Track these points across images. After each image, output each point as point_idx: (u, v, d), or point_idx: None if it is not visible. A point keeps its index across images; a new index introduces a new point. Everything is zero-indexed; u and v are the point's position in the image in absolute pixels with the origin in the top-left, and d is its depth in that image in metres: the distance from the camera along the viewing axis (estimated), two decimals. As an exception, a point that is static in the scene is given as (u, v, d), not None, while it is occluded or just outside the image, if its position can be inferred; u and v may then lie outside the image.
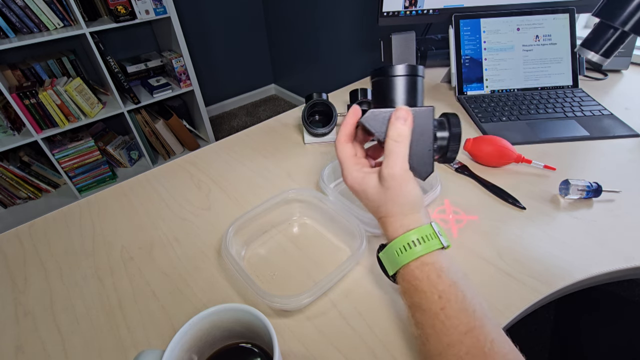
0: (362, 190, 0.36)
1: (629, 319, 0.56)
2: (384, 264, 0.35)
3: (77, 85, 1.56)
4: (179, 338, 0.29)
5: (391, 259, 0.34)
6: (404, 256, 0.32)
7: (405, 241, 0.32)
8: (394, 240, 0.33)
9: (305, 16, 2.06)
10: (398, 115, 0.33)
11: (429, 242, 0.32)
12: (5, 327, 0.42)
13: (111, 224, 0.55)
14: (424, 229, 0.33)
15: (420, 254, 0.32)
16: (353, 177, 0.36)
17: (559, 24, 0.79)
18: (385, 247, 0.34)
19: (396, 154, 0.33)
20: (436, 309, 0.29)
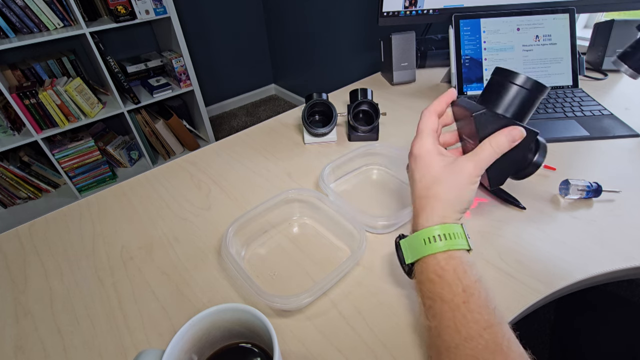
0: (429, 161, 0.36)
1: (629, 319, 0.56)
2: (404, 251, 0.35)
3: (77, 85, 1.56)
4: (179, 338, 0.29)
5: (416, 246, 0.34)
6: (432, 246, 0.32)
7: (438, 232, 0.33)
8: (427, 228, 0.33)
9: (305, 16, 2.06)
10: (513, 133, 0.35)
11: (458, 239, 0.33)
12: (5, 327, 0.42)
13: (111, 224, 0.55)
14: (457, 227, 0.33)
15: (450, 247, 0.32)
16: (427, 147, 0.37)
17: (559, 24, 0.79)
18: (415, 233, 0.34)
19: (484, 158, 0.35)
20: (459, 302, 0.29)
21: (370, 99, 0.69)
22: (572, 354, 0.57)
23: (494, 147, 0.35)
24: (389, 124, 0.75)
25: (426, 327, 0.32)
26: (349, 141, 0.71)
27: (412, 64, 0.91)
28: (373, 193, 0.59)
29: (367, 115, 0.70)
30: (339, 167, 0.60)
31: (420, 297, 0.33)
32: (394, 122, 0.76)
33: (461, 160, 0.35)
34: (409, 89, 0.90)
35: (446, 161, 0.36)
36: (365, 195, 0.58)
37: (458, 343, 0.28)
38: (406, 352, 0.37)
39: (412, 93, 0.88)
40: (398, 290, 0.43)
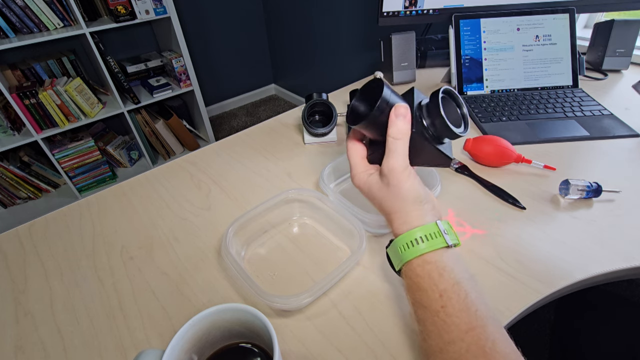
0: (368, 189, 0.37)
1: (629, 319, 0.56)
2: (391, 259, 0.36)
3: (77, 85, 1.56)
4: (179, 338, 0.29)
5: (396, 255, 0.34)
6: (407, 253, 0.32)
7: (409, 238, 0.32)
8: (398, 237, 0.34)
9: (305, 16, 2.06)
10: (397, 112, 0.33)
11: (432, 240, 0.32)
12: (5, 327, 0.42)
13: (111, 224, 0.55)
14: (429, 227, 0.33)
15: (423, 251, 0.32)
16: (359, 177, 0.38)
17: (559, 24, 0.79)
18: (391, 243, 0.35)
19: (396, 151, 0.33)
20: (436, 307, 0.29)
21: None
22: (572, 354, 0.57)
23: (396, 135, 0.33)
24: (389, 124, 0.75)
25: (416, 331, 0.33)
26: (349, 141, 0.71)
27: (412, 64, 0.91)
28: (373, 193, 0.59)
29: (367, 115, 0.70)
30: (339, 167, 0.60)
31: (409, 303, 0.33)
32: (394, 122, 0.76)
33: (385, 169, 0.34)
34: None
35: (377, 179, 0.36)
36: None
37: (442, 347, 0.28)
38: (406, 352, 0.37)
39: (412, 93, 0.88)
40: (398, 290, 0.43)
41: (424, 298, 0.31)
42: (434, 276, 0.31)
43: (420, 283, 0.31)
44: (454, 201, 0.55)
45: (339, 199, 0.51)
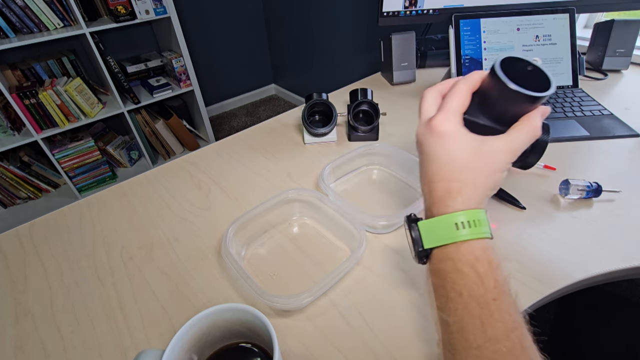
0: (459, 141, 0.31)
1: (628, 319, 0.56)
2: (423, 234, 0.31)
3: (77, 85, 1.55)
4: (179, 338, 0.29)
5: (441, 231, 0.29)
6: (468, 231, 0.28)
7: (474, 217, 0.29)
8: (456, 212, 0.29)
9: (305, 16, 2.06)
10: (544, 113, 0.31)
11: (483, 227, 0.29)
12: (5, 327, 0.42)
13: (111, 224, 0.55)
14: (482, 213, 0.30)
15: (484, 235, 0.28)
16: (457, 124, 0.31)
17: (559, 24, 0.79)
18: (441, 217, 0.30)
19: (521, 142, 0.31)
20: (488, 298, 0.26)
21: (370, 99, 0.69)
22: (572, 354, 0.57)
23: (532, 131, 0.30)
24: (389, 124, 0.75)
25: (442, 322, 0.28)
26: (349, 141, 0.71)
27: (412, 64, 0.91)
28: (373, 193, 0.59)
29: (367, 115, 0.70)
30: (339, 167, 0.60)
31: (437, 287, 0.29)
32: (394, 122, 0.76)
33: (494, 144, 0.31)
34: (409, 89, 0.90)
35: (476, 142, 0.31)
36: (365, 195, 0.58)
37: (480, 344, 0.25)
38: (406, 352, 0.37)
39: (412, 93, 0.88)
40: (398, 290, 0.43)
41: (474, 286, 0.27)
42: (493, 264, 0.28)
43: (478, 268, 0.27)
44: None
45: (339, 199, 0.51)
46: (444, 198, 0.30)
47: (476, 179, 0.30)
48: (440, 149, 0.31)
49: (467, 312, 0.26)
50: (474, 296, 0.27)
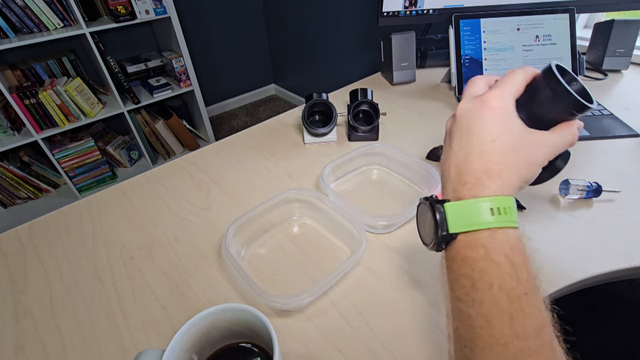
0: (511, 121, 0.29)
1: (628, 319, 0.56)
2: (449, 217, 0.28)
3: (77, 85, 1.55)
4: (178, 338, 0.29)
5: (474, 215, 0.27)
6: (503, 218, 0.26)
7: (508, 204, 0.27)
8: (497, 196, 0.27)
9: (305, 16, 2.06)
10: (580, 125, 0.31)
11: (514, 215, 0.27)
12: (5, 327, 0.42)
13: (111, 224, 0.55)
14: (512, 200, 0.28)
15: (516, 225, 0.27)
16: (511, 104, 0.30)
17: (559, 24, 0.79)
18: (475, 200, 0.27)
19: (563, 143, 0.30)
20: (520, 292, 0.24)
21: (370, 99, 0.69)
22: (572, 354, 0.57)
23: (572, 136, 0.29)
24: (389, 124, 0.75)
25: (462, 314, 0.26)
26: (349, 141, 0.71)
27: (412, 64, 0.91)
28: (373, 193, 0.59)
29: (367, 115, 0.70)
30: (339, 167, 0.60)
31: (459, 277, 0.27)
32: (394, 122, 0.76)
33: (540, 135, 0.29)
34: (409, 89, 0.90)
35: (524, 129, 0.29)
36: (365, 195, 0.58)
37: (507, 341, 0.23)
38: (406, 352, 0.37)
39: (412, 93, 0.88)
40: (398, 290, 0.43)
41: (506, 277, 0.25)
42: (526, 255, 0.26)
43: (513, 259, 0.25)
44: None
45: (339, 199, 0.51)
46: (481, 179, 0.28)
47: (518, 165, 0.28)
48: (488, 125, 0.29)
49: (495, 306, 0.24)
50: (505, 289, 0.24)
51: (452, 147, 0.31)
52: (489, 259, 0.25)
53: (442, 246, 0.29)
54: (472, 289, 0.26)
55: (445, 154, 0.32)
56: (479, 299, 0.25)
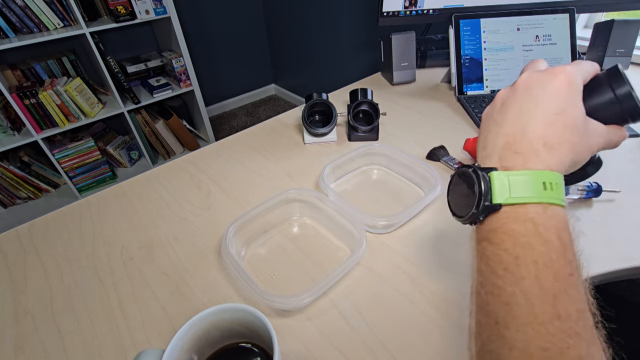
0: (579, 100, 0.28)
1: (628, 319, 0.56)
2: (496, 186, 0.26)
3: (77, 85, 1.56)
4: (179, 338, 0.29)
5: (530, 186, 0.25)
6: (555, 194, 0.25)
7: (558, 180, 0.26)
8: (552, 172, 0.26)
9: (305, 16, 2.06)
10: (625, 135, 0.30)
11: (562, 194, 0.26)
12: (5, 327, 0.42)
13: (111, 224, 0.55)
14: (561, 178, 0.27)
15: (564, 203, 0.26)
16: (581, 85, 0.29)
17: (559, 24, 0.79)
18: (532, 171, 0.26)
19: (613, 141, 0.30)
20: (565, 272, 0.23)
21: (370, 99, 0.69)
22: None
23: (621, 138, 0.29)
24: (389, 124, 0.75)
25: (496, 289, 0.25)
26: (349, 141, 0.71)
27: (412, 64, 0.91)
28: (373, 193, 0.59)
29: (367, 115, 0.70)
30: (339, 167, 0.60)
31: (497, 251, 0.25)
32: (394, 122, 0.76)
33: (598, 125, 0.29)
34: (409, 89, 0.90)
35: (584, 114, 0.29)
36: (365, 195, 0.58)
37: (546, 320, 0.22)
38: (406, 352, 0.37)
39: (412, 93, 0.88)
40: (398, 290, 0.43)
41: (553, 255, 0.23)
42: (572, 236, 0.25)
43: (563, 237, 0.24)
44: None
45: (339, 199, 0.51)
46: (537, 151, 0.26)
47: (575, 145, 0.27)
48: (556, 97, 0.28)
49: (537, 283, 0.23)
50: (552, 267, 0.23)
51: (507, 115, 0.29)
52: (538, 234, 0.24)
53: (480, 218, 0.27)
54: (514, 265, 0.24)
55: (494, 122, 0.30)
56: (520, 275, 0.24)
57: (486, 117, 0.31)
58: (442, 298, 0.42)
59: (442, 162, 0.63)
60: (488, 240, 0.26)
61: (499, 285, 0.25)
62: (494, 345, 0.24)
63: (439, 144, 0.66)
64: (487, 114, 0.32)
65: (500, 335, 0.24)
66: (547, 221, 0.24)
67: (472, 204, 0.27)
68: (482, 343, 0.25)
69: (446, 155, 0.64)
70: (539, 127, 0.27)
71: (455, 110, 0.79)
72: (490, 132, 0.30)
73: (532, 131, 0.27)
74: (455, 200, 0.31)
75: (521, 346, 0.22)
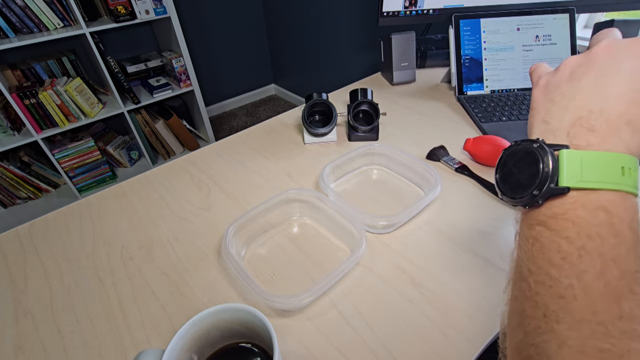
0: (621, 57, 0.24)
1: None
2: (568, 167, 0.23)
3: (77, 85, 1.56)
4: (179, 338, 0.29)
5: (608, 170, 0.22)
6: (631, 181, 0.22)
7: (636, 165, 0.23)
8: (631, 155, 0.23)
9: (305, 16, 2.06)
10: None
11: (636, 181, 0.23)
12: (5, 327, 0.42)
13: (111, 224, 0.55)
14: None
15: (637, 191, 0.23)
16: None
17: (559, 24, 0.79)
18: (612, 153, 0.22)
19: None
20: (632, 269, 0.21)
21: (370, 99, 0.69)
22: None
23: None
24: (389, 124, 0.75)
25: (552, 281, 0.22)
26: (349, 141, 0.71)
27: (412, 64, 0.91)
28: (373, 193, 0.59)
29: (367, 115, 0.70)
30: (339, 167, 0.60)
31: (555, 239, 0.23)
32: (394, 122, 0.76)
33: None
34: (409, 89, 0.90)
35: None
36: (365, 195, 0.58)
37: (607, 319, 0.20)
38: (406, 352, 0.37)
39: (412, 93, 0.88)
40: (398, 290, 0.43)
41: (623, 251, 0.21)
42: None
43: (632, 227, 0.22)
44: (454, 201, 0.55)
45: (339, 199, 0.51)
46: (619, 130, 0.23)
47: None
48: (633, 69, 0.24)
49: (602, 279, 0.21)
50: (620, 262, 0.21)
51: (580, 86, 0.25)
52: (610, 225, 0.21)
53: (539, 202, 0.24)
54: (575, 255, 0.22)
55: (561, 93, 0.26)
56: (581, 268, 0.21)
57: (549, 87, 0.27)
58: (442, 298, 0.42)
59: (442, 162, 0.63)
60: (545, 225, 0.23)
61: (554, 276, 0.22)
62: (541, 339, 0.22)
63: (439, 144, 0.66)
64: (551, 83, 0.28)
65: (550, 329, 0.21)
66: (623, 212, 0.22)
67: (532, 184, 0.24)
68: (525, 335, 0.23)
69: (446, 155, 0.64)
70: (621, 104, 0.23)
71: (455, 110, 0.79)
72: (556, 104, 0.26)
73: (613, 107, 0.23)
74: (508, 179, 0.27)
75: (574, 344, 0.20)
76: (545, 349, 0.21)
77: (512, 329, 0.25)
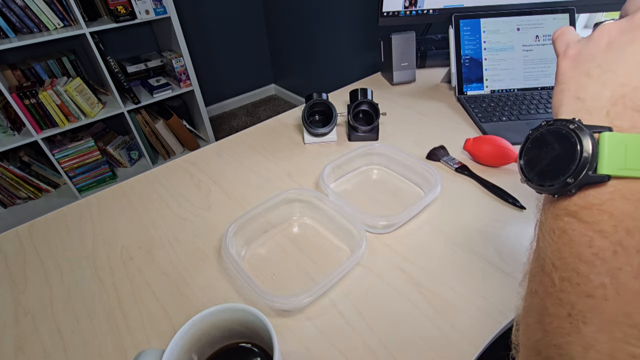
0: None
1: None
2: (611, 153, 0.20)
3: (77, 85, 1.56)
4: (179, 338, 0.29)
5: None
6: None
7: None
8: None
9: (305, 16, 2.06)
10: None
11: None
12: (5, 327, 0.42)
13: (111, 224, 0.55)
14: None
15: None
16: None
17: (559, 24, 0.79)
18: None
19: None
20: None
21: (370, 99, 0.69)
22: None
23: None
24: (389, 124, 0.75)
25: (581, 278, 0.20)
26: (349, 141, 0.71)
27: (412, 64, 0.91)
28: (373, 193, 0.59)
29: (367, 115, 0.70)
30: (339, 167, 0.60)
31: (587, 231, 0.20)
32: (394, 122, 0.76)
33: None
34: (409, 89, 0.90)
35: None
36: (365, 195, 0.58)
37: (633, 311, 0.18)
38: (406, 352, 0.37)
39: (412, 93, 0.88)
40: (398, 290, 0.43)
41: None
42: None
43: None
44: (454, 201, 0.55)
45: (339, 199, 0.51)
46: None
47: None
48: None
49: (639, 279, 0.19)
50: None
51: (621, 58, 0.22)
52: None
53: (573, 191, 0.21)
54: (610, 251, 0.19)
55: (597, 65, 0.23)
56: (616, 265, 0.19)
57: (581, 58, 0.24)
58: (442, 298, 0.42)
59: (442, 162, 0.63)
60: (576, 217, 0.21)
61: (582, 273, 0.20)
62: (564, 340, 0.20)
63: (439, 144, 0.66)
64: (584, 53, 0.24)
65: (576, 331, 0.19)
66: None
67: (566, 171, 0.21)
68: (544, 334, 0.21)
69: (446, 155, 0.64)
70: None
71: (455, 110, 0.79)
72: (592, 79, 0.23)
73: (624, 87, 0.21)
74: (536, 164, 0.24)
75: (603, 348, 0.18)
76: (569, 351, 0.19)
77: (529, 325, 0.23)
